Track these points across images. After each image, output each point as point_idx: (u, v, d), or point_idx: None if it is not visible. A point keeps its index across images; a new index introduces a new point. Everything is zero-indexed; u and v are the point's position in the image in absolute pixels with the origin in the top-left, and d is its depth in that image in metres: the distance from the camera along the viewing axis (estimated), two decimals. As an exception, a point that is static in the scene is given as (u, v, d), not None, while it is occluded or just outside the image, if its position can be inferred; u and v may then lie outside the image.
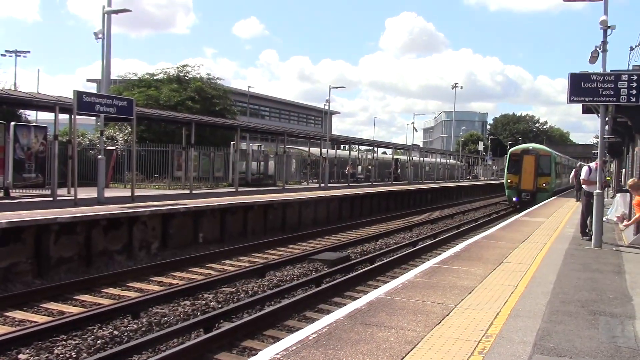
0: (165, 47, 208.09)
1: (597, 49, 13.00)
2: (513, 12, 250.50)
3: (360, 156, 44.78)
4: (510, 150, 36.32)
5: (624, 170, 25.31)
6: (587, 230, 13.47)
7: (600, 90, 11.55)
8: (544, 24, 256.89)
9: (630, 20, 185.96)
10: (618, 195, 20.17)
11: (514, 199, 32.72)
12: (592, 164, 13.96)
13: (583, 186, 13.90)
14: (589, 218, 13.37)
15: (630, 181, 13.46)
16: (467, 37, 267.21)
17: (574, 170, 27.39)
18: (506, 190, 34.12)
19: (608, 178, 27.69)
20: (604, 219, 14.89)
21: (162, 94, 34.14)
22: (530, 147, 35.05)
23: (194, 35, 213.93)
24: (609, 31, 12.78)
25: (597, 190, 12.35)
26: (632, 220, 13.16)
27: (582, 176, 13.85)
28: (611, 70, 12.62)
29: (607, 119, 14.68)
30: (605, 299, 7.50)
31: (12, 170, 16.77)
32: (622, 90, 11.40)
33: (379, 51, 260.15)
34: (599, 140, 13.07)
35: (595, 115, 13.29)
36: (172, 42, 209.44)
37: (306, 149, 37.03)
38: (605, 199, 17.09)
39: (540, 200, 29.50)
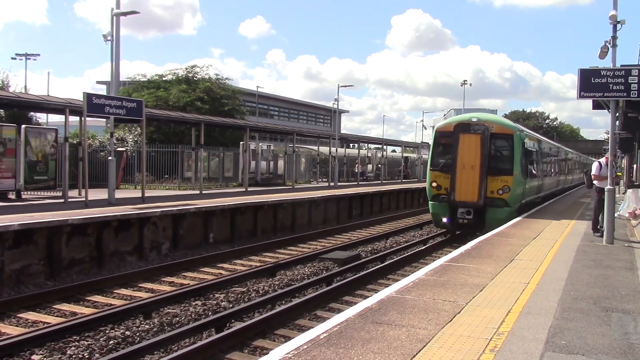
0: (172, 48, 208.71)
1: (607, 44, 12.90)
2: (519, 8, 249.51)
3: (369, 155, 44.76)
4: (437, 126, 19.82)
5: (635, 166, 25.14)
6: (598, 227, 13.37)
7: (611, 85, 11.48)
8: (551, 19, 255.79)
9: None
10: (630, 191, 20.05)
11: (444, 219, 18.01)
12: (602, 159, 13.86)
13: (594, 182, 13.80)
14: (600, 214, 13.28)
15: None
16: (474, 34, 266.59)
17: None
18: (429, 202, 18.63)
19: (619, 174, 27.46)
20: (616, 215, 14.78)
21: (171, 95, 34.25)
22: (474, 119, 17.91)
23: (200, 36, 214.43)
24: (618, 26, 12.69)
25: (609, 186, 12.28)
26: None
27: (593, 172, 13.74)
28: (621, 65, 12.54)
29: (617, 114, 14.60)
30: (618, 296, 7.46)
31: (23, 172, 16.93)
32: (632, 85, 11.33)
33: (386, 49, 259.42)
34: (609, 135, 12.96)
35: (606, 110, 13.21)
36: (179, 43, 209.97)
37: (315, 148, 37.06)
38: (617, 195, 16.95)
39: (494, 223, 15.77)
